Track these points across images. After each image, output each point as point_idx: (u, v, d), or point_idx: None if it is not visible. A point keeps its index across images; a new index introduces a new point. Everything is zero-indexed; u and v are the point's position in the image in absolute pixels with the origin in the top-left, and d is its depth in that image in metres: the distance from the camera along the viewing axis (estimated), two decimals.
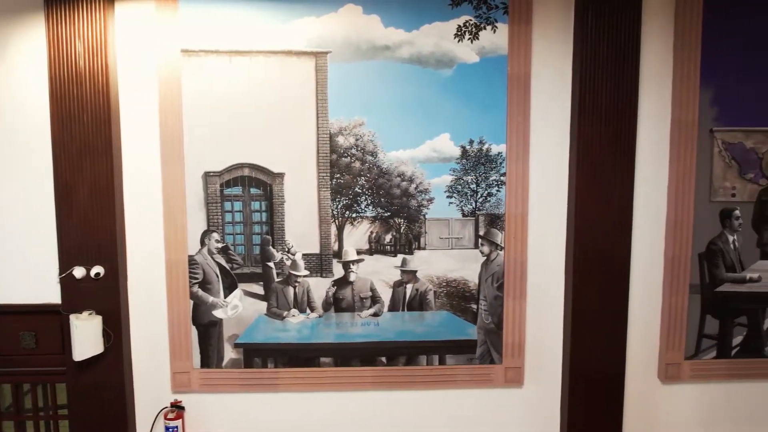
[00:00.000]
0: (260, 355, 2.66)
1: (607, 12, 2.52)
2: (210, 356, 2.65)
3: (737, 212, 2.70)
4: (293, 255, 2.63)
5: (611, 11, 2.52)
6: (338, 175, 2.60)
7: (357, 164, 2.61)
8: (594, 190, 2.58)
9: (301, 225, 2.61)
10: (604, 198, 2.58)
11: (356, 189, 2.62)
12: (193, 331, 2.63)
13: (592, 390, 2.68)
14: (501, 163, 2.62)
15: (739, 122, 2.67)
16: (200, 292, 2.61)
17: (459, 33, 2.57)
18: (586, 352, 2.65)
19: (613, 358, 2.68)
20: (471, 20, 2.57)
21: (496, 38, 2.58)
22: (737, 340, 2.77)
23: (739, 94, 2.65)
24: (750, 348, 2.78)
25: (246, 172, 2.58)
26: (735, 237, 2.71)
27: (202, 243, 2.60)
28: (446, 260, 2.64)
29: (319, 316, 2.66)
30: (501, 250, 2.64)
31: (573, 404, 2.69)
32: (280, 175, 2.59)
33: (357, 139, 2.59)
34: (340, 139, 2.58)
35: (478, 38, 2.58)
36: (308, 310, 2.66)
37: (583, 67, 2.54)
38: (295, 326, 2.66)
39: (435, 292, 2.66)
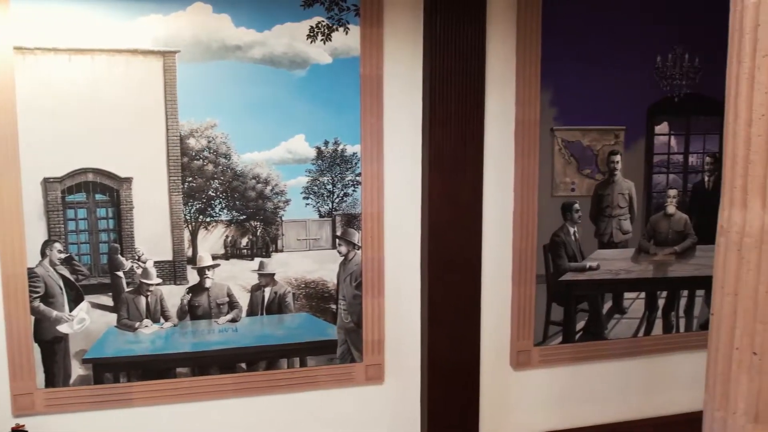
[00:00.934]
0: (111, 370, 3.67)
1: (454, 16, 3.83)
2: (55, 374, 3.61)
3: (577, 206, 4.20)
4: (144, 263, 3.66)
5: (458, 15, 3.83)
6: (190, 179, 3.67)
7: (210, 167, 3.69)
8: (446, 188, 3.90)
9: (152, 231, 3.65)
10: (455, 196, 3.92)
11: (210, 192, 3.71)
12: (36, 349, 3.57)
13: (450, 381, 4.04)
14: (356, 164, 3.86)
15: (576, 121, 4.16)
16: (42, 307, 3.55)
17: (311, 34, 3.74)
18: (443, 345, 4.00)
19: (469, 350, 4.06)
20: (323, 21, 3.75)
21: (348, 39, 3.79)
22: (580, 325, 4.31)
23: (576, 95, 4.13)
24: (592, 332, 4.33)
25: (90, 177, 3.55)
26: (575, 229, 4.21)
27: (43, 254, 3.53)
28: (304, 262, 3.84)
29: (174, 326, 3.73)
30: (358, 250, 3.89)
31: (432, 396, 4.04)
32: (128, 180, 3.60)
33: (209, 141, 3.67)
34: (192, 142, 3.65)
35: (330, 39, 3.77)
36: (162, 320, 3.72)
37: (433, 69, 3.84)
38: (149, 337, 3.71)
39: (294, 294, 3.85)
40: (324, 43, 3.75)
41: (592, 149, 4.20)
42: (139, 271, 3.64)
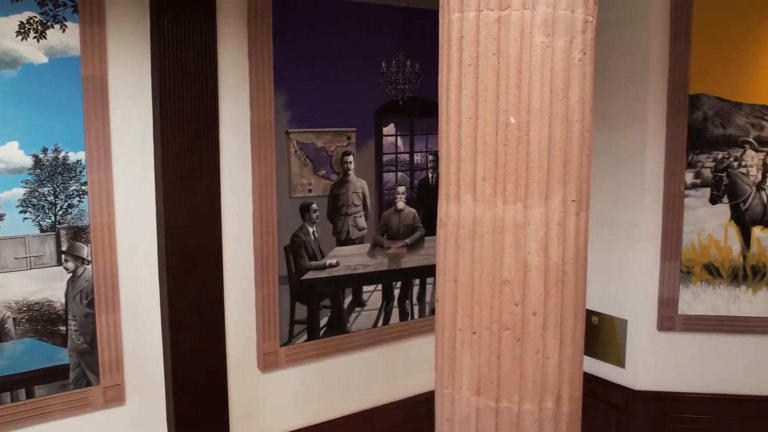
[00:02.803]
0: None
1: (183, 17, 3.75)
2: None
3: (314, 206, 4.35)
4: None
5: (187, 17, 3.76)
6: None
7: None
8: (181, 194, 3.81)
9: None
10: (192, 201, 3.84)
11: None
12: None
13: (197, 393, 3.96)
14: (81, 172, 3.61)
15: (310, 124, 4.30)
16: None
17: (22, 30, 3.42)
18: (187, 356, 3.90)
19: (215, 357, 4.01)
20: (36, 17, 3.44)
21: (66, 38, 3.53)
22: (324, 321, 4.48)
23: (309, 99, 4.27)
24: (335, 326, 4.51)
25: None
26: (314, 228, 4.36)
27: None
28: (26, 282, 3.50)
29: None
30: (88, 264, 3.65)
31: (179, 411, 3.92)
32: None
33: None
34: None
35: (45, 37, 3.48)
36: None
37: (163, 72, 3.72)
38: None
39: (14, 318, 3.49)
40: (38, 41, 3.45)
41: (327, 150, 4.38)
42: None
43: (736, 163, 4.70)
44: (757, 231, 4.75)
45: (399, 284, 4.77)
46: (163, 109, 3.72)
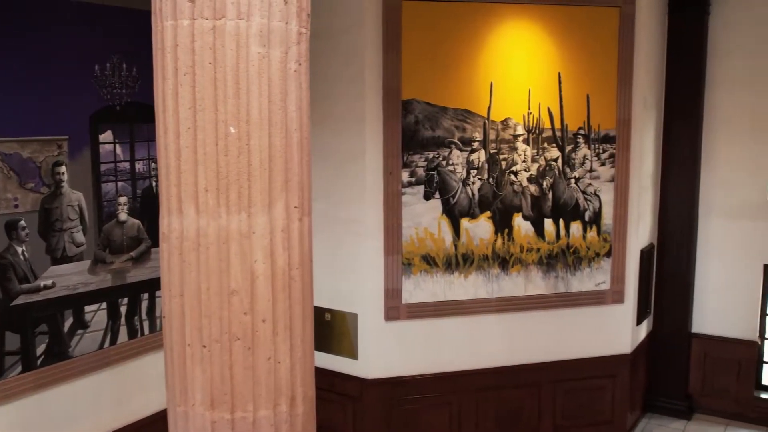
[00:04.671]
0: None
1: None
2: None
3: (22, 223, 3.95)
4: None
5: None
6: None
7: None
8: None
9: None
10: None
11: None
12: None
13: None
14: None
15: (13, 132, 3.89)
16: None
17: None
18: None
19: None
20: None
21: None
22: (42, 348, 4.09)
23: (11, 105, 3.86)
24: (54, 353, 4.15)
25: None
26: (24, 248, 3.97)
27: None
28: None
29: None
30: None
31: None
32: None
33: None
34: None
35: None
36: None
37: None
38: None
39: None
40: None
41: (35, 161, 4.01)
42: None
43: (444, 162, 5.21)
44: (465, 222, 5.31)
45: (126, 300, 4.52)
46: None
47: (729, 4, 6.15)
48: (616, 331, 5.86)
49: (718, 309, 6.50)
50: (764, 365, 6.51)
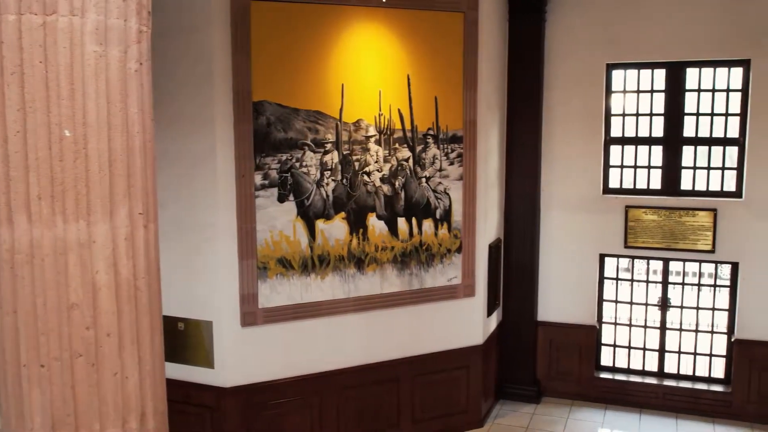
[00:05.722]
0: None
1: None
2: None
3: None
4: None
5: None
6: None
7: None
8: None
9: None
10: None
11: None
12: None
13: None
14: None
15: None
16: None
17: None
18: None
19: None
20: None
21: None
22: None
23: None
24: None
25: None
26: None
27: None
28: None
29: None
30: None
31: None
32: None
33: None
34: None
35: None
36: None
37: None
38: None
39: None
40: None
41: None
42: None
43: (298, 164, 5.18)
44: (320, 224, 5.31)
45: None
46: None
47: (564, 10, 6.56)
48: (468, 323, 6.09)
49: (561, 297, 6.92)
50: (602, 347, 7.01)
